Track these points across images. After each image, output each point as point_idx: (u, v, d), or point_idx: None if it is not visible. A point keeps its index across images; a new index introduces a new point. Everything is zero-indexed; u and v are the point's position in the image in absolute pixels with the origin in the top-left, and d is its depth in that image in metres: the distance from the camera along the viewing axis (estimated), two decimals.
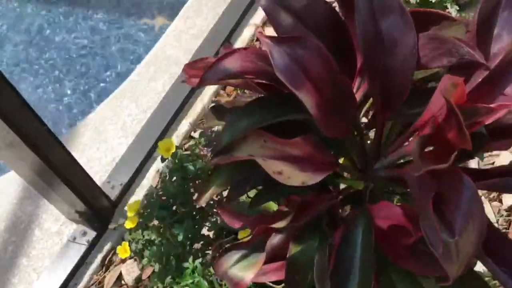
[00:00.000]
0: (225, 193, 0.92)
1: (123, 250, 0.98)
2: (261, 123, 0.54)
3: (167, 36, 1.87)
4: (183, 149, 1.65)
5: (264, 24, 1.87)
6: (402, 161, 0.62)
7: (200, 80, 0.55)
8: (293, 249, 0.56)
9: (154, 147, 1.63)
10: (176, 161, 0.90)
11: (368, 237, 0.54)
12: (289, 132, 0.57)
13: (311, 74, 0.51)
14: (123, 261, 1.47)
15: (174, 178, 0.91)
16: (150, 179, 1.58)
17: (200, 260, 0.88)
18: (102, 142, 1.66)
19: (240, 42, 1.82)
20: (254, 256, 0.57)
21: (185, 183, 0.90)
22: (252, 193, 0.75)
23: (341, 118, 0.54)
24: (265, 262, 0.54)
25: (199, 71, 0.69)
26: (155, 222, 0.98)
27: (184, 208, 0.91)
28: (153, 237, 0.97)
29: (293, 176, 0.53)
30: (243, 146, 0.55)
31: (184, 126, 1.67)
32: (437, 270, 0.54)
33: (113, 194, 1.52)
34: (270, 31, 1.85)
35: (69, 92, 1.98)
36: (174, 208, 0.92)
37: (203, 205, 0.58)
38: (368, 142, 0.67)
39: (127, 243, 0.99)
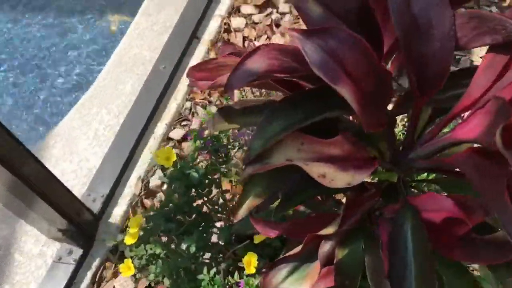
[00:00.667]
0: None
1: (127, 268, 0.92)
2: (296, 125, 0.50)
3: (130, 35, 1.78)
4: None
5: (229, 14, 1.81)
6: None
7: (225, 88, 0.50)
8: (340, 253, 0.53)
9: (132, 153, 1.56)
10: (177, 169, 0.84)
11: (418, 232, 0.51)
12: (311, 131, 0.53)
13: (347, 67, 0.47)
14: (114, 275, 1.41)
15: (176, 187, 0.85)
16: (132, 187, 1.51)
17: (214, 270, 0.83)
18: (74, 154, 1.58)
19: (208, 34, 1.76)
20: (304, 267, 0.53)
21: (189, 191, 0.85)
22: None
23: (380, 110, 0.50)
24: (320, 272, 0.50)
25: (207, 73, 0.64)
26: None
27: (189, 217, 0.86)
28: (157, 251, 0.92)
29: (337, 178, 0.49)
30: (279, 151, 0.50)
31: (160, 128, 1.60)
32: (492, 258, 0.51)
33: (95, 207, 1.44)
34: (236, 21, 1.80)
35: (30, 103, 1.86)
36: (177, 218, 0.87)
37: (240, 219, 0.54)
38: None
39: (130, 260, 0.93)
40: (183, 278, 0.86)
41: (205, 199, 0.88)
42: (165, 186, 1.53)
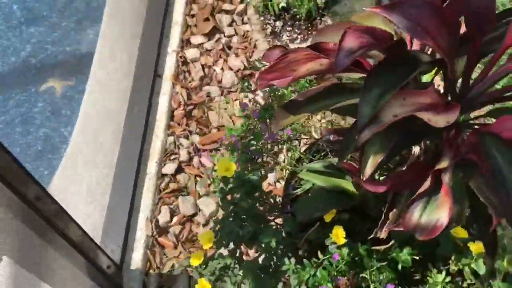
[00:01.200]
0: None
1: (202, 286, 0.96)
2: (396, 87, 0.60)
3: (92, 90, 1.80)
4: (160, 189, 1.61)
5: (182, 48, 1.89)
6: None
7: (336, 67, 0.59)
8: (450, 183, 0.62)
9: (133, 198, 1.58)
10: (235, 178, 0.90)
11: (504, 150, 0.63)
12: None
13: (427, 26, 0.58)
14: None
15: (238, 195, 0.91)
16: (143, 229, 1.53)
17: (293, 260, 0.90)
18: (73, 213, 1.56)
19: (168, 70, 1.82)
20: (433, 201, 0.62)
21: (249, 196, 0.91)
22: None
23: (454, 56, 0.62)
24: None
25: (278, 72, 0.73)
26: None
27: (254, 221, 0.92)
28: (228, 261, 0.96)
29: (438, 120, 0.60)
30: (386, 111, 0.60)
31: (152, 167, 1.63)
32: None
33: (115, 257, 1.44)
34: (190, 52, 1.88)
35: None
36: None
37: (368, 176, 0.62)
38: None
39: (203, 279, 0.97)
40: (264, 277, 0.91)
41: (261, 200, 0.95)
42: (174, 220, 1.56)
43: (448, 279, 0.86)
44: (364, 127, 0.60)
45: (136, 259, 1.48)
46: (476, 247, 0.83)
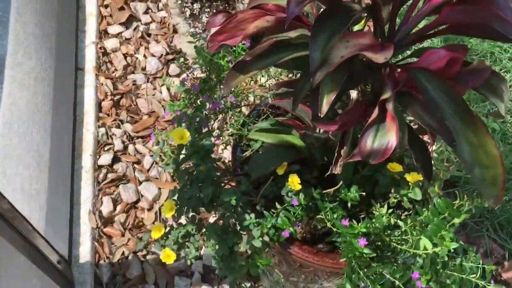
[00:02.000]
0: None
1: (167, 256, 0.99)
2: (338, 31, 0.68)
3: (10, 89, 1.72)
4: (99, 181, 1.60)
5: (100, 39, 1.87)
6: None
7: (288, 16, 0.65)
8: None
9: (72, 194, 1.56)
10: (190, 146, 0.94)
11: (433, 79, 0.73)
12: None
13: None
14: None
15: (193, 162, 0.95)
16: (86, 223, 1.52)
17: (253, 215, 0.95)
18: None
19: (89, 62, 1.80)
20: (381, 128, 0.70)
21: (204, 161, 0.95)
22: None
23: (384, 1, 0.71)
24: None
25: (228, 33, 0.78)
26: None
27: (211, 184, 0.96)
28: (189, 228, 1.00)
29: (378, 57, 0.68)
30: (333, 53, 0.67)
31: (86, 160, 1.62)
32: (475, 81, 0.76)
33: (63, 254, 1.42)
34: (109, 43, 1.86)
35: None
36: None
37: (325, 112, 0.69)
38: None
39: (166, 249, 1.00)
40: (227, 237, 0.96)
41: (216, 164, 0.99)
42: (118, 209, 1.56)
43: (389, 211, 0.96)
44: (316, 70, 0.67)
45: (84, 252, 1.46)
46: (412, 177, 0.94)
